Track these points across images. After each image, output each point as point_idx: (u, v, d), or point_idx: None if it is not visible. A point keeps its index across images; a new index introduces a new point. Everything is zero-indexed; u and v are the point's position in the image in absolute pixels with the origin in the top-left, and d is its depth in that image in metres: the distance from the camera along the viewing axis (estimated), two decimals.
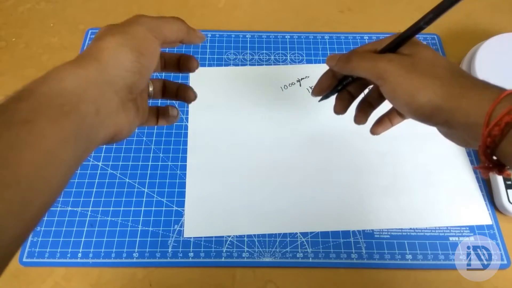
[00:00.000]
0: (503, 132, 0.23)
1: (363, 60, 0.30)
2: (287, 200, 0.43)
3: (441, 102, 0.26)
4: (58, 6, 0.58)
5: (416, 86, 0.27)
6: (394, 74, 0.27)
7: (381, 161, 0.46)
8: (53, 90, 0.22)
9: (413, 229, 0.42)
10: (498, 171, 0.25)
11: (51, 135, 0.20)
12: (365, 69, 0.29)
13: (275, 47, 0.55)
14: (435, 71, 0.27)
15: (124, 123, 0.26)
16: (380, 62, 0.28)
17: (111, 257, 0.40)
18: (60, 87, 0.22)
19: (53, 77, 0.23)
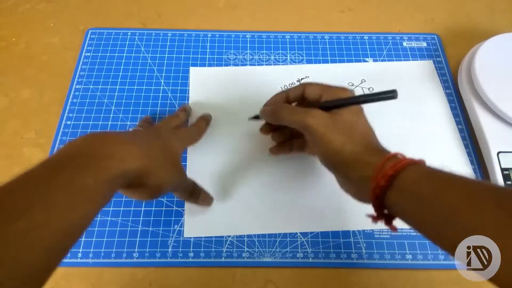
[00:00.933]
0: (388, 184, 0.27)
1: (292, 114, 0.35)
2: (287, 200, 0.43)
3: (345, 157, 0.32)
4: (58, 6, 0.58)
5: (330, 141, 0.32)
6: (316, 129, 0.33)
7: None
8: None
9: (413, 229, 0.42)
10: (386, 222, 0.30)
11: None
12: (293, 122, 0.35)
13: (275, 47, 0.55)
14: (349, 133, 0.33)
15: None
16: (306, 118, 0.33)
17: (111, 257, 0.40)
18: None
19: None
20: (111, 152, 0.27)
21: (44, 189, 0.22)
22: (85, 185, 0.24)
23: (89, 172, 0.24)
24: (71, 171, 0.24)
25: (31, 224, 0.21)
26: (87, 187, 0.24)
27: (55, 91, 0.50)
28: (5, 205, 0.21)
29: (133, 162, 0.28)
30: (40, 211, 0.21)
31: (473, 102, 0.47)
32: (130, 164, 0.27)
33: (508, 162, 0.43)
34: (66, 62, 0.53)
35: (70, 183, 0.23)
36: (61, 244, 0.23)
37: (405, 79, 0.52)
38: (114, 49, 0.54)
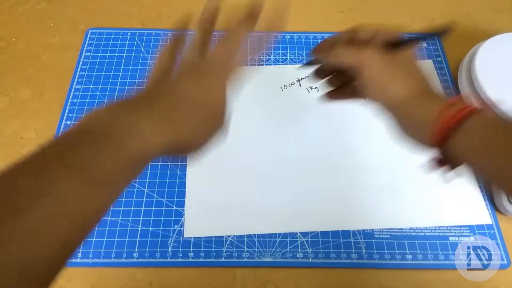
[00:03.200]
0: (455, 126, 0.26)
1: (343, 52, 0.32)
2: (287, 200, 0.43)
3: (407, 97, 0.29)
4: (58, 6, 0.58)
5: (388, 80, 0.30)
6: (372, 65, 0.30)
7: (381, 161, 0.46)
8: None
9: (413, 229, 0.42)
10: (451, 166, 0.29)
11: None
12: (345, 60, 0.32)
13: (275, 47, 0.55)
14: (409, 71, 0.31)
15: None
16: (363, 53, 0.31)
17: (111, 257, 0.40)
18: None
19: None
20: (131, 131, 0.23)
21: (56, 174, 0.19)
22: (102, 169, 0.20)
23: (107, 154, 0.21)
24: (88, 152, 0.20)
25: (40, 218, 0.18)
26: (104, 171, 0.21)
27: (55, 91, 0.50)
28: (8, 195, 0.18)
29: (158, 140, 0.24)
30: (51, 203, 0.18)
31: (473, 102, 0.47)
32: (154, 143, 0.23)
33: None
34: (66, 62, 0.53)
35: (85, 167, 0.20)
36: (74, 238, 0.20)
37: None
38: (114, 49, 0.54)
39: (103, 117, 0.23)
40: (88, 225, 0.21)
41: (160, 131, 0.24)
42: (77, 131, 0.22)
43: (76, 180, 0.19)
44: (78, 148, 0.21)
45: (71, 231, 0.19)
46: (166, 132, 0.24)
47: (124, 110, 0.24)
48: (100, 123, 0.22)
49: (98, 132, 0.22)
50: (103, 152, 0.21)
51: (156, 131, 0.24)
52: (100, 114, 0.23)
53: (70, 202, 0.19)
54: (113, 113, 0.23)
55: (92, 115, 0.23)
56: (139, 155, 0.22)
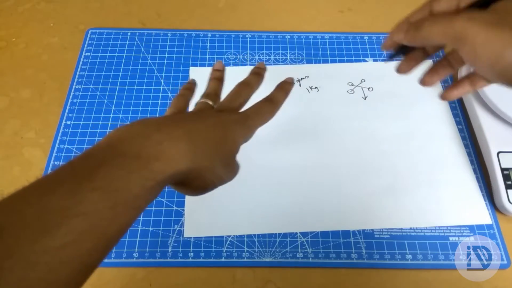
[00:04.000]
0: None
1: (435, 24, 0.26)
2: (287, 200, 0.43)
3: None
4: (58, 6, 0.58)
5: (503, 44, 0.23)
6: (475, 33, 0.23)
7: (382, 161, 0.46)
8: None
9: (413, 229, 0.42)
10: None
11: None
12: (439, 34, 0.26)
13: (275, 47, 0.55)
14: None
15: None
16: (457, 22, 0.24)
17: (111, 257, 0.40)
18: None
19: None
20: (164, 152, 0.23)
21: (87, 195, 0.19)
22: (130, 192, 0.21)
23: (136, 177, 0.21)
24: (118, 173, 0.21)
25: (66, 239, 0.18)
26: (132, 195, 0.21)
27: (55, 91, 0.50)
28: (39, 213, 0.18)
29: (185, 163, 0.24)
30: (78, 223, 0.18)
31: (473, 102, 0.47)
32: (181, 165, 0.24)
33: (508, 162, 0.43)
34: (66, 62, 0.53)
35: (114, 189, 0.20)
36: (96, 258, 0.20)
37: (405, 79, 0.52)
38: (114, 49, 0.54)
39: (134, 137, 0.23)
40: (109, 246, 0.21)
41: (187, 160, 0.24)
42: (106, 147, 0.22)
43: (105, 202, 0.20)
44: (108, 169, 0.21)
45: (95, 252, 0.20)
46: (192, 161, 0.24)
47: (156, 134, 0.24)
48: (131, 143, 0.23)
49: (129, 154, 0.22)
50: (131, 176, 0.21)
51: (184, 159, 0.24)
52: (130, 132, 0.23)
53: (97, 223, 0.19)
54: (144, 135, 0.23)
55: (122, 132, 0.23)
56: (165, 180, 0.23)
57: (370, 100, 0.50)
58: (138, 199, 0.21)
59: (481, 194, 0.44)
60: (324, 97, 0.50)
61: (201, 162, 0.25)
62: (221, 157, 0.28)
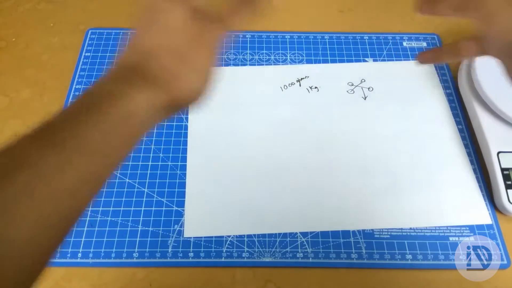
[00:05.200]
0: None
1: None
2: (287, 200, 0.43)
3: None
4: (58, 6, 0.58)
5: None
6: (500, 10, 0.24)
7: (381, 161, 0.46)
8: None
9: (413, 229, 0.42)
10: None
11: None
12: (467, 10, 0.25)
13: (275, 47, 0.55)
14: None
15: None
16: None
17: (111, 257, 0.40)
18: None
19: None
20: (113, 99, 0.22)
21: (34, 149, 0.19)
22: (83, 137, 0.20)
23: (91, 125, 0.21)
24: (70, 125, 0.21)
25: (17, 189, 0.17)
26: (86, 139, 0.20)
27: (55, 91, 0.50)
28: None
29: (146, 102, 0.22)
30: (23, 175, 0.17)
31: (473, 102, 0.47)
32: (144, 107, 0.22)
33: (508, 162, 0.43)
34: (66, 62, 0.53)
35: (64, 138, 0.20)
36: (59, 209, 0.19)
37: (405, 79, 0.52)
38: (114, 49, 0.54)
39: (86, 93, 0.22)
40: (77, 197, 0.19)
41: (148, 94, 0.22)
42: (59, 112, 0.22)
43: (52, 150, 0.19)
44: (59, 123, 0.20)
45: (53, 201, 0.18)
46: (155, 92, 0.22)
47: (106, 81, 0.23)
48: (81, 100, 0.22)
49: (78, 108, 0.21)
50: (84, 123, 0.20)
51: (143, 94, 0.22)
52: (81, 95, 0.23)
53: (47, 171, 0.18)
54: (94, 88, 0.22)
55: (74, 99, 0.23)
56: (128, 122, 0.21)
57: (370, 100, 0.50)
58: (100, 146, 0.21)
59: (481, 194, 0.44)
60: (324, 97, 0.50)
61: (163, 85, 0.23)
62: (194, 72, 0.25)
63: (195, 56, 0.25)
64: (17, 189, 0.17)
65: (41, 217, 0.18)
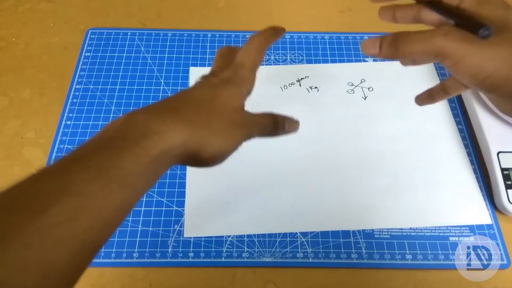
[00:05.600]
0: None
1: (413, 42, 0.27)
2: (287, 200, 0.43)
3: (505, 75, 0.24)
4: (58, 6, 0.58)
5: (480, 58, 0.24)
6: (452, 49, 0.25)
7: (381, 161, 0.46)
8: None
9: (413, 229, 0.42)
10: None
11: None
12: (419, 51, 0.27)
13: (275, 47, 0.55)
14: (502, 37, 0.24)
15: None
16: (434, 39, 0.25)
17: (111, 257, 0.40)
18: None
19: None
20: (151, 130, 0.23)
21: (76, 176, 0.20)
22: (122, 169, 0.21)
23: (126, 155, 0.22)
24: (107, 154, 0.21)
25: (60, 217, 0.18)
26: (124, 171, 0.21)
27: (55, 91, 0.50)
28: (31, 196, 0.18)
29: (177, 136, 0.24)
30: (73, 202, 0.19)
31: (473, 102, 0.47)
32: (173, 139, 0.24)
33: (508, 162, 0.43)
34: (66, 62, 0.53)
35: (105, 168, 0.21)
36: (96, 237, 0.20)
37: (405, 79, 0.52)
38: (114, 49, 0.54)
39: (122, 124, 0.24)
40: (108, 225, 0.21)
41: (178, 132, 0.24)
42: (97, 138, 0.23)
43: (96, 180, 0.20)
44: (97, 151, 0.22)
45: (92, 231, 0.20)
46: (184, 133, 0.24)
47: (141, 115, 0.24)
48: (119, 129, 0.23)
49: (117, 137, 0.23)
50: (122, 154, 0.22)
51: (174, 133, 0.24)
52: (118, 122, 0.24)
53: (90, 201, 0.19)
54: (131, 120, 0.24)
55: (110, 124, 0.24)
56: (158, 157, 0.23)
57: (370, 100, 0.50)
58: (132, 175, 0.21)
59: (481, 194, 0.44)
60: (324, 97, 0.50)
61: (195, 129, 0.25)
62: (219, 118, 0.27)
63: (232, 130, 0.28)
64: (63, 215, 0.18)
65: (80, 245, 0.19)
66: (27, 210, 0.18)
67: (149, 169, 0.23)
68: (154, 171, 0.23)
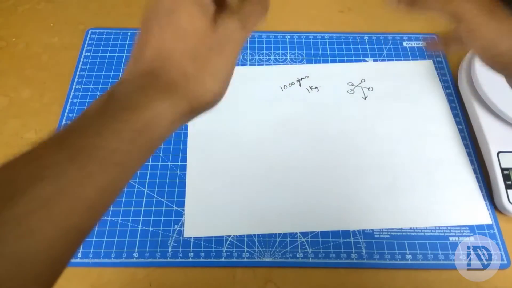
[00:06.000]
0: None
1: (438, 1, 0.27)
2: (287, 200, 0.43)
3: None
4: (58, 6, 0.58)
5: (497, 32, 0.24)
6: (471, 15, 0.25)
7: (381, 161, 0.46)
8: None
9: (413, 229, 0.42)
10: None
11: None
12: (436, 8, 0.27)
13: (275, 47, 0.55)
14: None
15: None
16: (454, 1, 0.25)
17: (111, 257, 0.40)
18: None
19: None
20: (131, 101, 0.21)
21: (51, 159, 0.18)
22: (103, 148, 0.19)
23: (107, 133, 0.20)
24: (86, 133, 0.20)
25: (31, 205, 0.17)
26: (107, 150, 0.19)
27: (55, 91, 0.50)
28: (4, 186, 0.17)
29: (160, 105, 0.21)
30: (44, 188, 0.17)
31: (473, 102, 0.47)
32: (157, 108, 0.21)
33: (508, 162, 0.43)
34: (66, 62, 0.53)
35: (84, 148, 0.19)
36: (78, 222, 0.18)
37: (405, 79, 0.52)
38: (114, 49, 0.54)
39: (102, 100, 0.22)
40: (93, 209, 0.19)
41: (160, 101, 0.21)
42: (77, 119, 0.21)
43: (74, 162, 0.18)
44: (76, 131, 0.20)
45: (73, 216, 0.18)
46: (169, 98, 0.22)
47: (120, 87, 0.22)
48: (99, 106, 0.21)
49: (97, 114, 0.21)
50: (102, 131, 0.20)
51: (156, 102, 0.21)
52: (99, 99, 0.22)
53: (67, 185, 0.18)
54: (111, 94, 0.22)
55: (93, 102, 0.22)
56: (144, 129, 0.21)
57: (370, 100, 0.50)
58: (116, 153, 0.20)
59: (481, 194, 0.44)
60: (324, 97, 0.50)
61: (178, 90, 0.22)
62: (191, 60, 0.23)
63: (214, 59, 0.23)
64: (36, 203, 0.17)
65: (59, 231, 0.18)
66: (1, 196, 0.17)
67: (136, 144, 0.20)
68: (144, 145, 0.21)
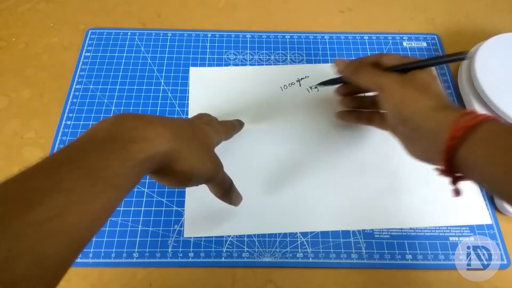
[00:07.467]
0: (464, 135, 0.27)
1: (366, 74, 0.37)
2: (287, 200, 0.43)
3: (418, 109, 0.31)
4: (58, 6, 0.58)
5: (404, 95, 0.33)
6: (389, 87, 0.34)
7: (381, 161, 0.46)
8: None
9: (413, 229, 0.42)
10: (453, 180, 0.30)
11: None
12: (368, 82, 0.36)
13: (275, 47, 0.55)
14: (423, 90, 0.33)
15: None
16: (380, 78, 0.35)
17: (111, 257, 0.40)
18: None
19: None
20: (140, 135, 0.25)
21: (66, 175, 0.21)
22: (109, 171, 0.22)
23: (115, 157, 0.23)
24: (96, 155, 0.23)
25: (50, 213, 0.19)
26: (112, 173, 0.22)
27: (55, 91, 0.50)
28: (22, 192, 0.19)
29: (162, 145, 0.26)
30: (60, 199, 0.20)
31: (473, 102, 0.47)
32: (159, 147, 0.26)
33: None
34: (66, 62, 0.53)
35: (94, 168, 0.22)
36: (83, 234, 0.21)
37: None
38: (114, 49, 0.54)
39: (112, 126, 0.25)
40: (95, 223, 0.22)
41: (165, 141, 0.26)
42: (87, 138, 0.25)
43: (85, 180, 0.21)
44: (87, 152, 0.23)
45: (81, 227, 0.21)
46: (169, 141, 0.27)
47: (131, 120, 0.26)
48: (109, 131, 0.25)
49: (107, 139, 0.24)
50: (110, 156, 0.23)
51: (161, 140, 0.26)
52: (108, 123, 0.25)
53: (79, 200, 0.21)
54: (121, 123, 0.25)
55: (100, 124, 0.25)
56: (144, 161, 0.24)
57: None
58: (118, 177, 0.23)
59: (481, 194, 0.44)
60: (324, 97, 0.50)
61: (179, 145, 0.28)
62: (198, 141, 0.32)
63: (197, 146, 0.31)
64: (53, 211, 0.19)
65: (69, 239, 0.20)
66: (17, 205, 0.19)
67: (134, 172, 0.24)
68: (137, 175, 0.25)
